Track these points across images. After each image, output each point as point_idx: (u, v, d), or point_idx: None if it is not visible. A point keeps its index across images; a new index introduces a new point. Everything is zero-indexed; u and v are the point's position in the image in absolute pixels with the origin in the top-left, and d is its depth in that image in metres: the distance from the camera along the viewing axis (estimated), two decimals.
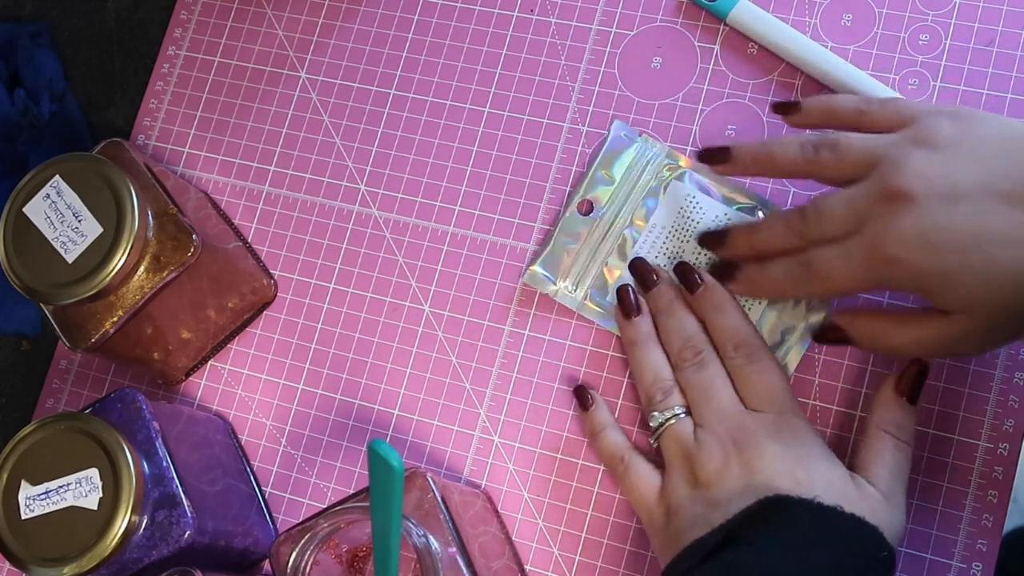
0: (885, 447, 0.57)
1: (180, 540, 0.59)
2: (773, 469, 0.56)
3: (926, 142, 0.54)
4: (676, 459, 0.59)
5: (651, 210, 0.66)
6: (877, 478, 0.57)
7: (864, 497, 0.55)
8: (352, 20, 0.76)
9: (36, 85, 0.79)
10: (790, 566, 0.52)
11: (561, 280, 0.66)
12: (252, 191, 0.75)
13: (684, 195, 0.65)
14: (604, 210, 0.66)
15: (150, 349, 0.68)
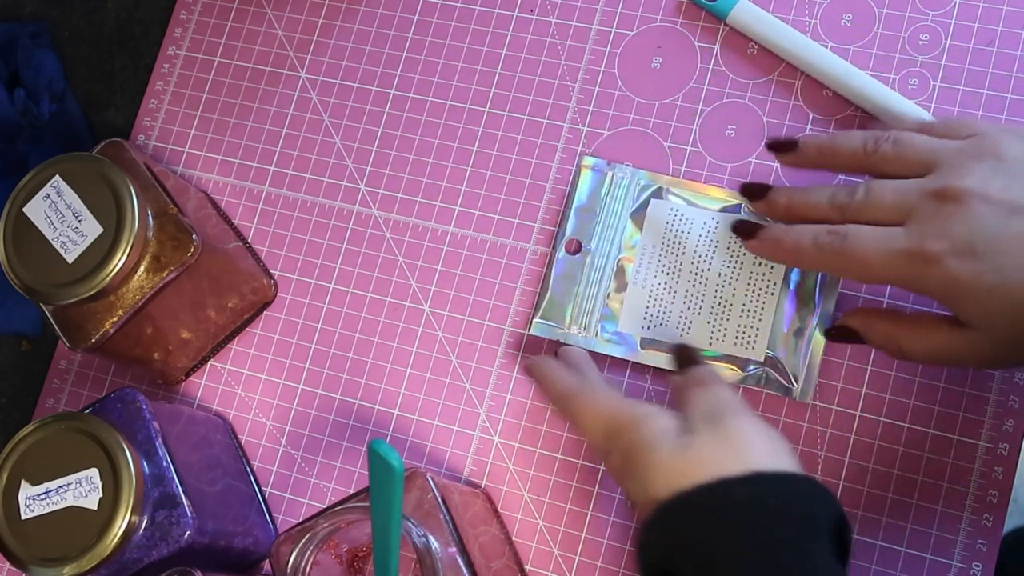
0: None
1: (180, 540, 0.59)
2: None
3: (992, 154, 0.54)
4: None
5: (637, 234, 0.66)
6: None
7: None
8: (352, 20, 0.76)
9: (36, 85, 0.79)
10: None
11: (568, 327, 0.66)
12: (252, 191, 0.75)
13: (667, 210, 0.65)
14: (591, 246, 0.66)
15: (150, 349, 0.68)
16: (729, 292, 0.63)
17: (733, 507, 0.48)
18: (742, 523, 0.48)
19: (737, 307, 0.63)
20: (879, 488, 0.62)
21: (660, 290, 0.65)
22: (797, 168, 0.61)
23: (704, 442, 0.51)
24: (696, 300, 0.64)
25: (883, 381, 0.63)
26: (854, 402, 0.63)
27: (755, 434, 0.51)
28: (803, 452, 0.63)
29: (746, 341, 0.63)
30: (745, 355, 0.63)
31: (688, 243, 0.64)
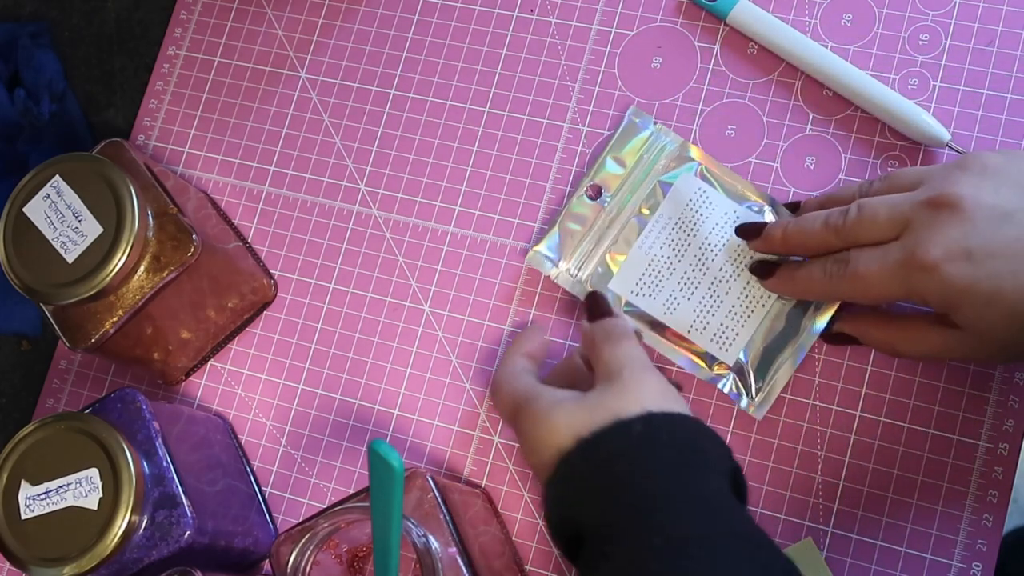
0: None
1: (180, 540, 0.59)
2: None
3: (973, 169, 0.54)
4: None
5: (659, 200, 0.65)
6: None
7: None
8: (352, 20, 0.76)
9: (36, 85, 0.79)
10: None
11: (564, 262, 0.66)
12: (252, 191, 0.75)
13: (694, 188, 0.65)
14: (612, 196, 0.66)
15: (150, 349, 0.68)
16: (724, 289, 0.63)
17: (629, 443, 0.50)
18: (638, 456, 0.50)
19: (727, 306, 0.63)
20: (879, 488, 0.62)
21: (660, 262, 0.64)
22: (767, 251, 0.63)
23: (601, 393, 0.54)
24: (691, 285, 0.64)
25: (883, 381, 0.63)
26: (854, 402, 0.63)
27: (651, 383, 0.54)
28: (803, 452, 0.63)
29: (723, 341, 0.63)
30: (717, 354, 0.63)
31: (703, 228, 0.64)
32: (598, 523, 0.49)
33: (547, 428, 0.54)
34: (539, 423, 0.54)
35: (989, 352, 0.54)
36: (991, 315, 0.52)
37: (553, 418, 0.54)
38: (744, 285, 0.63)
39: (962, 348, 0.55)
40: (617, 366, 0.55)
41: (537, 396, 0.56)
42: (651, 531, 0.47)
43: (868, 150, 0.66)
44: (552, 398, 0.55)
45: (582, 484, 0.51)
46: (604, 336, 0.57)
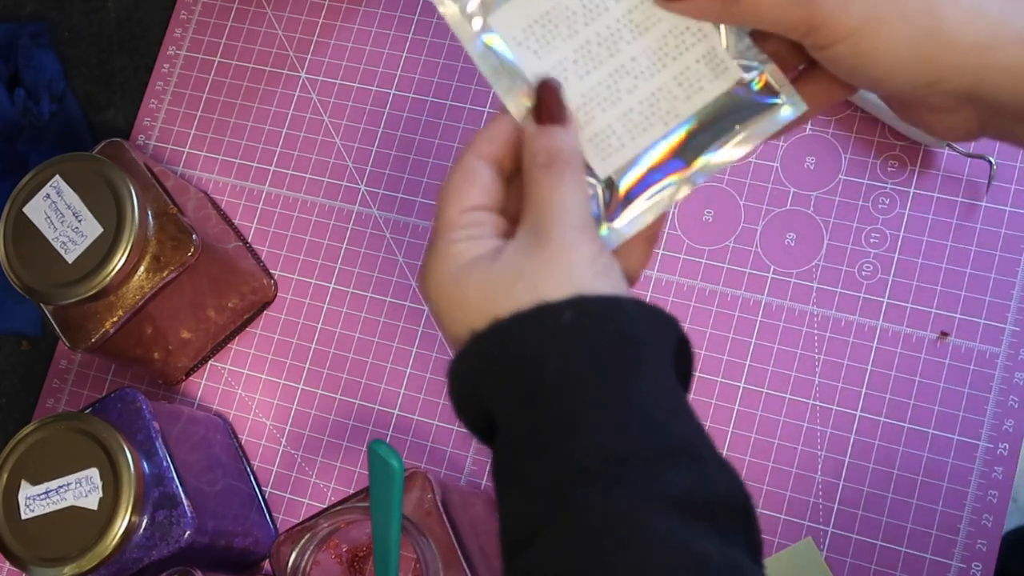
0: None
1: (180, 540, 0.59)
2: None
3: None
4: None
5: None
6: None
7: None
8: (352, 20, 0.76)
9: (36, 85, 0.79)
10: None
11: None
12: (252, 191, 0.75)
13: None
14: None
15: (150, 349, 0.68)
16: (629, 84, 0.50)
17: (552, 333, 0.42)
18: (562, 350, 0.42)
19: (624, 106, 0.50)
20: (879, 488, 0.62)
21: (562, 16, 0.50)
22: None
23: (521, 261, 0.44)
24: (590, 61, 0.50)
25: (883, 381, 0.63)
26: (854, 402, 0.63)
27: (584, 253, 0.44)
28: (803, 452, 0.63)
29: (603, 147, 0.50)
30: (590, 159, 0.49)
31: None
32: (517, 429, 0.43)
33: (456, 299, 0.45)
34: (445, 290, 0.45)
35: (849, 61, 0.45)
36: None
37: (462, 286, 0.44)
38: (654, 90, 0.50)
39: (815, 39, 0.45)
40: (549, 218, 0.45)
41: (444, 248, 0.46)
42: (580, 451, 0.41)
43: (868, 150, 0.66)
44: (461, 255, 0.45)
45: (500, 375, 0.43)
46: (547, 160, 0.46)
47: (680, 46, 0.49)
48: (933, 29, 0.43)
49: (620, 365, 0.42)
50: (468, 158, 0.47)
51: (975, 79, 0.43)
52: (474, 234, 0.46)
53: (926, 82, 0.44)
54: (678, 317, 0.45)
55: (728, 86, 0.49)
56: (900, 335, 0.64)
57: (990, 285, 0.63)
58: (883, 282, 0.65)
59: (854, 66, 0.45)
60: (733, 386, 0.65)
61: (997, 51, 0.43)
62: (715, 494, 0.40)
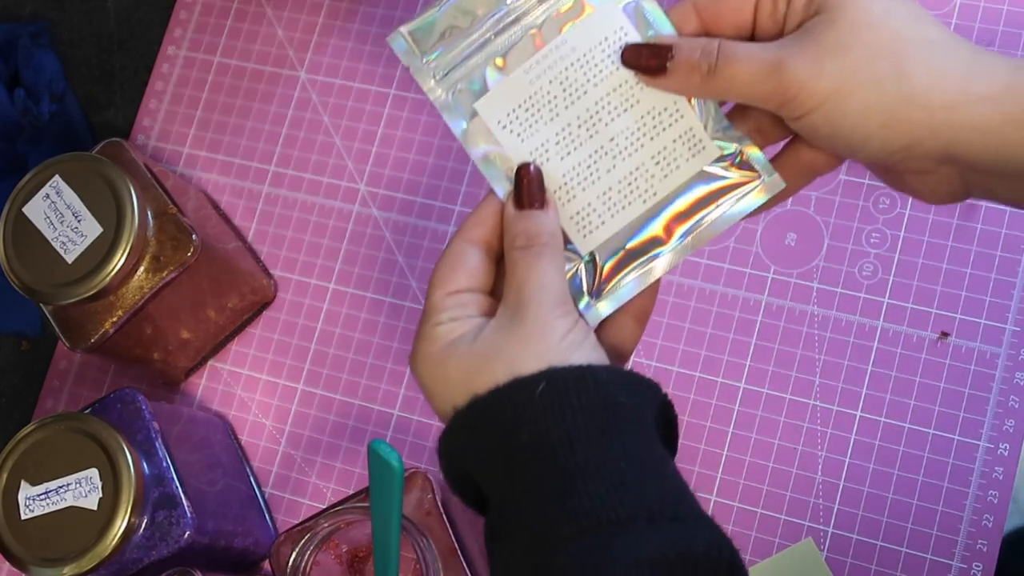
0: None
1: (180, 540, 0.59)
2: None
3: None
4: None
5: (577, 20, 0.51)
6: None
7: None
8: (352, 20, 0.76)
9: (36, 85, 0.79)
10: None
11: (430, 57, 0.51)
12: (252, 191, 0.75)
13: (616, 25, 0.51)
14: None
15: (150, 349, 0.68)
16: (608, 163, 0.51)
17: (526, 405, 0.44)
18: (535, 421, 0.43)
19: (603, 184, 0.51)
20: (880, 488, 0.62)
21: (544, 100, 0.51)
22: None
23: (498, 340, 0.46)
24: (571, 142, 0.51)
25: (884, 381, 0.63)
26: (854, 402, 0.63)
27: (556, 329, 0.46)
28: (803, 452, 0.63)
29: (584, 224, 0.51)
30: (572, 236, 0.51)
31: (608, 80, 0.50)
32: (501, 497, 0.44)
33: (440, 377, 0.46)
34: (430, 370, 0.47)
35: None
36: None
37: (445, 365, 0.46)
38: (633, 168, 0.51)
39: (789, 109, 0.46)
40: (526, 298, 0.46)
41: (429, 331, 0.47)
42: (558, 518, 0.42)
43: None
44: (444, 336, 0.47)
45: (480, 448, 0.45)
46: (525, 242, 0.48)
47: (658, 126, 0.50)
48: (904, 93, 0.44)
49: (594, 431, 0.43)
50: (456, 243, 0.49)
51: (949, 139, 0.44)
52: (457, 315, 0.47)
53: (901, 146, 0.44)
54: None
55: (705, 164, 0.50)
56: (901, 335, 0.64)
57: (990, 285, 0.63)
58: (884, 282, 0.65)
59: (829, 134, 0.45)
60: (733, 386, 0.65)
61: (966, 110, 0.43)
62: (694, 551, 0.41)
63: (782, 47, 0.45)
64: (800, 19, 0.46)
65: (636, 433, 0.44)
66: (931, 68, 0.44)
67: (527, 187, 0.49)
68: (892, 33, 0.44)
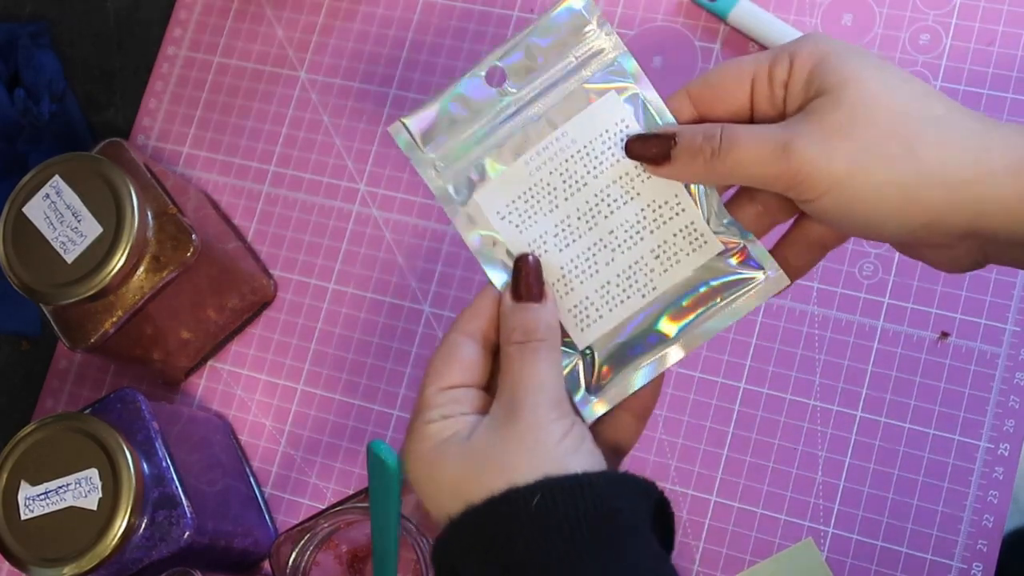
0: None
1: (180, 540, 0.59)
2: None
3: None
4: None
5: (575, 112, 0.51)
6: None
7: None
8: (352, 20, 0.76)
9: (36, 85, 0.79)
10: None
11: (432, 150, 0.52)
12: (252, 191, 0.75)
13: (617, 117, 0.50)
14: (519, 87, 0.51)
15: (150, 349, 0.68)
16: (607, 256, 0.50)
17: (526, 520, 0.42)
18: (531, 535, 0.42)
19: (602, 278, 0.50)
20: (880, 489, 0.62)
21: (543, 192, 0.51)
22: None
23: (492, 442, 0.44)
24: (570, 234, 0.50)
25: (884, 382, 0.63)
26: (854, 402, 0.63)
27: (553, 432, 0.44)
28: (803, 452, 0.63)
29: (582, 318, 0.50)
30: (570, 330, 0.50)
31: (609, 171, 0.50)
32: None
33: (432, 479, 0.45)
34: (422, 470, 0.46)
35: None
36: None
37: (438, 471, 0.45)
38: (632, 262, 0.50)
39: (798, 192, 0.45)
40: (521, 397, 0.45)
41: (420, 428, 0.46)
42: None
43: None
44: (435, 435, 0.45)
45: (475, 560, 0.43)
46: (522, 336, 0.47)
47: (659, 219, 0.49)
48: (919, 171, 0.43)
49: (592, 543, 0.42)
50: (452, 335, 0.47)
51: (972, 215, 0.43)
52: (449, 412, 0.46)
53: (921, 224, 0.43)
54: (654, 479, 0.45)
55: (706, 259, 0.49)
56: (901, 335, 0.64)
57: (991, 285, 0.63)
58: (884, 282, 0.65)
59: (844, 216, 0.44)
60: (734, 387, 0.65)
61: (987, 184, 0.42)
62: None
63: (788, 128, 0.44)
64: (800, 101, 0.45)
65: (634, 543, 0.43)
66: (944, 144, 0.43)
67: (525, 279, 0.48)
68: (898, 111, 0.43)
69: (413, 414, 0.47)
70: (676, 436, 0.65)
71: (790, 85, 0.45)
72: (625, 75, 0.51)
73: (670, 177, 0.48)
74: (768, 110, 0.46)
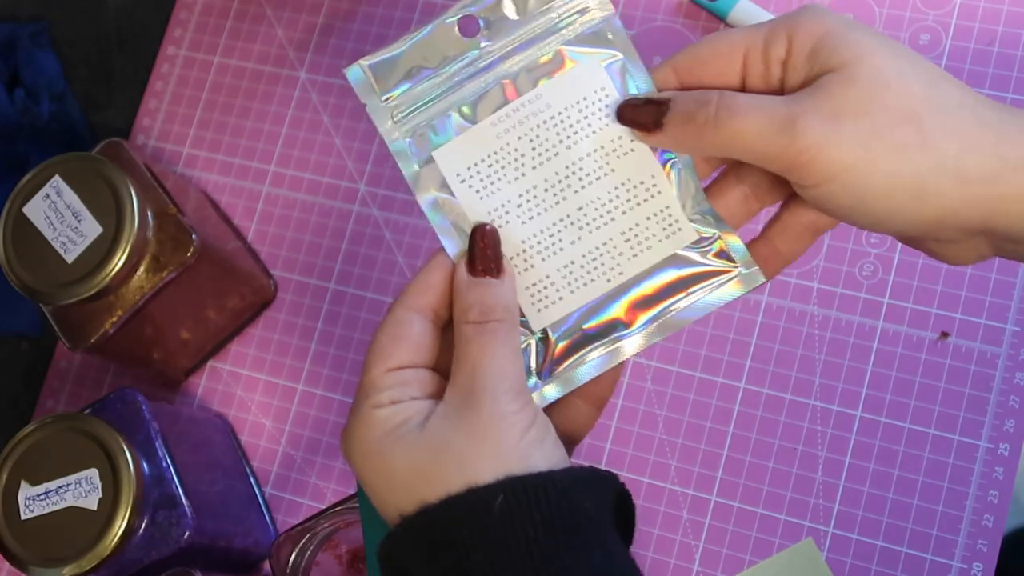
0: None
1: (180, 540, 0.59)
2: None
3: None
4: None
5: (552, 72, 0.46)
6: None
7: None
8: (352, 20, 0.76)
9: (36, 85, 0.79)
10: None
11: (391, 94, 0.47)
12: (252, 191, 0.75)
13: (597, 84, 0.46)
14: (493, 40, 0.47)
15: (150, 349, 0.68)
16: (573, 234, 0.47)
17: (487, 526, 0.39)
18: (499, 543, 0.39)
19: (566, 256, 0.46)
20: (880, 489, 0.62)
21: (510, 157, 0.47)
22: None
23: (448, 433, 0.41)
24: (535, 206, 0.46)
25: (884, 381, 0.63)
26: (854, 402, 0.63)
27: (515, 425, 0.41)
28: (803, 452, 0.63)
29: (540, 298, 0.46)
30: (526, 310, 0.46)
31: (583, 143, 0.46)
32: None
33: (381, 471, 0.41)
34: (369, 460, 0.42)
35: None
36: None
37: (387, 458, 0.41)
38: (600, 243, 0.47)
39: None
40: (480, 384, 0.41)
41: (367, 413, 0.42)
42: None
43: None
44: (384, 421, 0.42)
45: (427, 561, 0.40)
46: (479, 315, 0.43)
47: (632, 200, 0.46)
48: (933, 161, 0.40)
49: (557, 548, 0.39)
50: (399, 310, 0.44)
51: (987, 211, 0.40)
52: (398, 396, 0.42)
53: (933, 218, 0.41)
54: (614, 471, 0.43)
55: (678, 248, 0.46)
56: (901, 335, 0.64)
57: (991, 285, 0.63)
58: (884, 282, 0.65)
59: (850, 206, 0.41)
60: (734, 387, 0.65)
61: (1005, 180, 0.40)
62: None
63: (793, 103, 0.41)
64: (803, 78, 0.42)
65: (599, 543, 0.41)
66: (958, 134, 0.40)
67: (482, 251, 0.44)
68: (911, 95, 0.41)
69: (357, 397, 0.43)
70: (676, 436, 0.65)
71: (790, 62, 0.42)
72: (609, 41, 0.46)
73: (660, 146, 0.45)
74: (761, 88, 0.43)
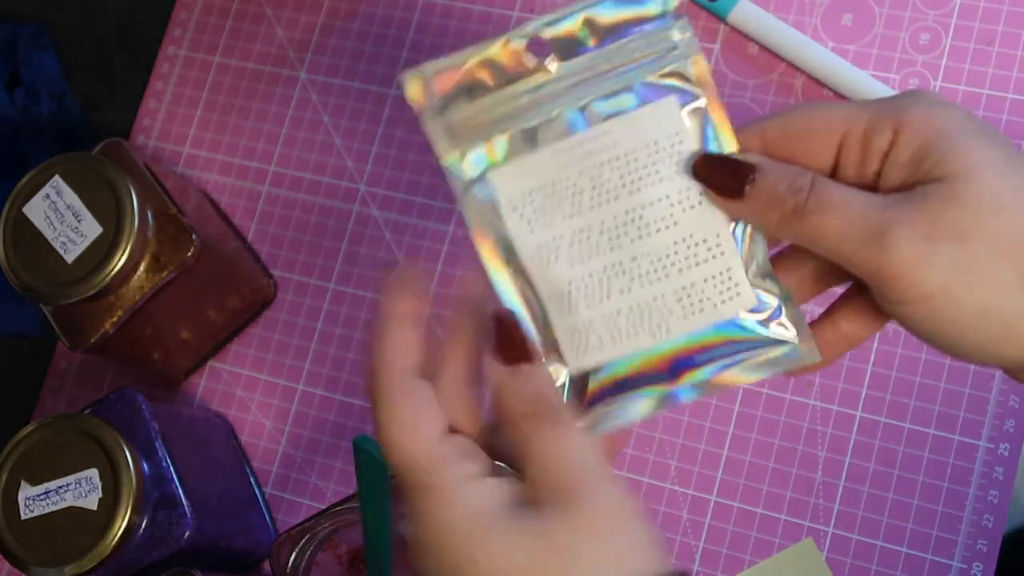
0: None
1: (180, 540, 0.59)
2: None
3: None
4: None
5: (623, 108, 0.43)
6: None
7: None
8: (352, 20, 0.76)
9: (36, 85, 0.79)
10: None
11: (448, 113, 0.46)
12: (252, 191, 0.75)
13: (673, 128, 0.43)
14: (562, 67, 0.43)
15: (150, 349, 0.68)
16: (623, 283, 0.43)
17: None
18: None
19: (613, 305, 0.43)
20: (880, 489, 0.62)
21: (566, 193, 0.43)
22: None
23: (557, 532, 0.37)
24: (587, 249, 0.43)
25: (884, 381, 0.63)
26: (855, 403, 0.63)
27: (621, 521, 0.38)
28: (803, 452, 0.63)
29: (579, 341, 0.43)
30: (564, 350, 0.43)
31: (649, 190, 0.42)
32: None
33: (474, 564, 0.36)
34: (462, 550, 0.37)
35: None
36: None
37: (479, 554, 0.36)
38: (650, 298, 0.43)
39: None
40: (569, 477, 0.37)
41: (441, 484, 0.38)
42: None
43: None
44: (477, 502, 0.37)
45: None
46: (531, 409, 0.39)
47: (691, 258, 0.43)
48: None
49: None
50: (402, 379, 0.40)
51: None
52: (471, 471, 0.38)
53: (1015, 358, 0.38)
54: None
55: (734, 314, 0.43)
56: (901, 335, 0.64)
57: None
58: None
59: (931, 331, 0.39)
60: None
61: None
62: None
63: (887, 208, 0.37)
64: (902, 179, 0.39)
65: None
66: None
67: (513, 338, 0.41)
68: (1018, 225, 0.37)
69: (423, 471, 0.38)
70: (676, 436, 0.65)
71: (891, 157, 0.39)
72: (692, 81, 0.43)
73: (735, 215, 0.41)
74: (853, 179, 0.40)
